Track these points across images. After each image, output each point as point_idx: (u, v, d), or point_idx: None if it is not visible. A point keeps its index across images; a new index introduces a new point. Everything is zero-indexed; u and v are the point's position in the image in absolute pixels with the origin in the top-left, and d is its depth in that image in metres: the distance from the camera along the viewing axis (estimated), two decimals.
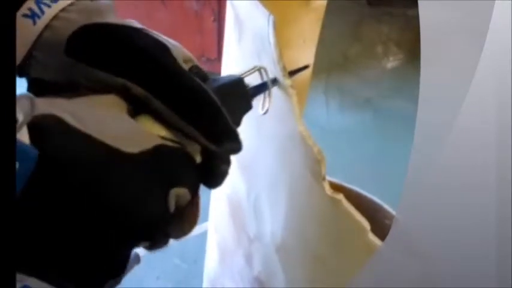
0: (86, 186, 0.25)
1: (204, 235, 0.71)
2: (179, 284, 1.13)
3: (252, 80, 0.37)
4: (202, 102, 0.30)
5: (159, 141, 0.29)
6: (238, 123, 0.34)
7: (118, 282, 0.29)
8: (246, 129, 0.45)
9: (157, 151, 0.28)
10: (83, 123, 0.27)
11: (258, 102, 0.38)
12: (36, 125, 0.25)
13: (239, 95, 0.34)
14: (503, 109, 0.28)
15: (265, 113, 0.37)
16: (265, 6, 0.40)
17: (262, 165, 0.47)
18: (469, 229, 0.31)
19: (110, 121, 0.28)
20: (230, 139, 0.32)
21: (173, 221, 0.31)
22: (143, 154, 0.28)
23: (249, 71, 0.36)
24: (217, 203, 0.63)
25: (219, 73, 0.59)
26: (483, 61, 0.28)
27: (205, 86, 0.31)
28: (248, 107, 0.35)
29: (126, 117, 0.29)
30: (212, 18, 1.56)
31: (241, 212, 0.54)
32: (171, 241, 0.33)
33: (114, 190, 0.26)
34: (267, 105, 0.37)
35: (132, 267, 0.30)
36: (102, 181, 0.26)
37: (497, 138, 0.29)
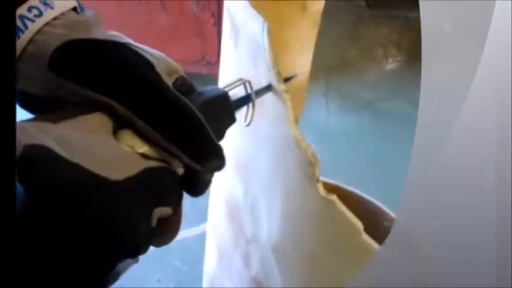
0: (73, 214, 0.26)
1: (203, 237, 0.72)
2: (180, 286, 1.14)
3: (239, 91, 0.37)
4: (187, 122, 0.30)
5: (145, 165, 0.29)
6: (221, 137, 0.34)
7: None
8: (242, 132, 0.46)
9: (143, 176, 0.28)
10: (70, 151, 0.27)
11: (242, 113, 0.38)
12: (25, 156, 0.25)
13: (223, 109, 0.34)
14: (504, 109, 0.28)
15: (248, 125, 0.37)
16: (263, 12, 0.41)
17: (258, 167, 0.48)
18: (469, 230, 0.31)
19: (96, 147, 0.28)
20: (214, 158, 0.31)
21: (155, 231, 0.31)
22: (129, 180, 0.28)
23: (233, 83, 0.36)
24: (215, 204, 0.64)
25: (218, 76, 0.60)
26: (483, 61, 0.28)
27: (189, 103, 0.30)
28: (232, 120, 0.35)
29: (112, 142, 0.29)
30: (212, 21, 1.57)
31: (239, 214, 0.54)
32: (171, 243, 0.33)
33: (101, 217, 0.26)
34: (250, 117, 0.37)
35: (129, 266, 0.30)
36: (89, 209, 0.26)
37: (497, 139, 0.28)
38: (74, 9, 0.33)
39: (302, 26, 0.66)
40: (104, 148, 0.28)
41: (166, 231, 0.32)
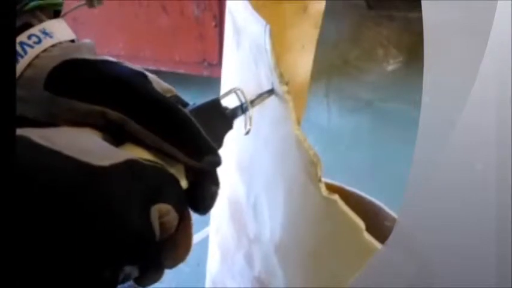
0: (56, 202, 0.25)
1: (206, 239, 0.72)
2: (182, 287, 1.14)
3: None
4: (177, 119, 0.31)
5: (131, 156, 0.29)
6: (219, 144, 0.34)
7: None
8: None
9: (130, 164, 0.28)
10: (52, 142, 0.26)
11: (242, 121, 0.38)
12: None
13: (217, 116, 0.35)
14: (504, 109, 0.28)
15: (247, 133, 0.38)
16: (264, 13, 0.41)
17: (260, 167, 0.48)
18: (470, 230, 0.31)
19: (79, 140, 0.28)
20: (209, 153, 0.32)
21: (165, 248, 0.31)
22: (115, 167, 0.27)
23: (226, 93, 0.37)
24: (218, 204, 0.64)
25: (220, 78, 0.61)
26: (484, 61, 0.28)
27: (181, 107, 0.32)
28: (228, 127, 0.36)
29: (96, 138, 0.30)
30: (213, 23, 1.57)
31: (242, 214, 0.55)
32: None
33: (87, 204, 0.25)
34: (248, 126, 0.37)
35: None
36: (73, 195, 0.25)
37: (497, 139, 0.29)
38: (72, 41, 0.35)
39: (303, 27, 0.67)
40: (87, 141, 0.28)
41: (176, 248, 0.32)
